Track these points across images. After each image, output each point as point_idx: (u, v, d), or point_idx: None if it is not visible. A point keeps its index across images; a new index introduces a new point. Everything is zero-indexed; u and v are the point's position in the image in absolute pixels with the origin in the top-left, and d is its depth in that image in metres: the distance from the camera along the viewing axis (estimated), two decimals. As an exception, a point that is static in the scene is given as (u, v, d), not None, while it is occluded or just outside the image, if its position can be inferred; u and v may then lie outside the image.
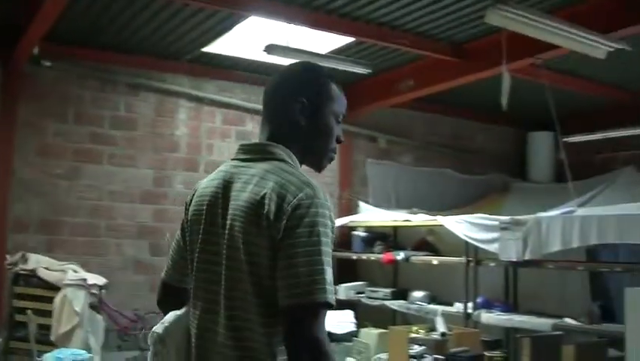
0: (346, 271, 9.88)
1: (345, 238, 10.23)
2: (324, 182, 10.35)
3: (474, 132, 12.24)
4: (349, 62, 8.38)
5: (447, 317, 7.48)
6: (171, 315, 2.30)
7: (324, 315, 1.94)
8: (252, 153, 2.21)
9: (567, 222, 7.06)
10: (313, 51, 8.09)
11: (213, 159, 9.84)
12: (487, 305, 8.02)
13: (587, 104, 10.81)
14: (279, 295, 1.94)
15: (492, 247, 7.67)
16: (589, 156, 11.27)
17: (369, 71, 8.50)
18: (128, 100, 9.33)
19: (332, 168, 10.55)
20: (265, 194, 2.00)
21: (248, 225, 2.00)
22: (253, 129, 10.16)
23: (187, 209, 2.31)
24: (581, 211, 7.38)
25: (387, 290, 9.20)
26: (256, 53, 8.56)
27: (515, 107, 7.11)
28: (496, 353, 5.37)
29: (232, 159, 2.25)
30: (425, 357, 6.55)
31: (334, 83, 2.32)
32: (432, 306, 8.47)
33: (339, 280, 9.58)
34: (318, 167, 2.32)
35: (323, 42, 8.32)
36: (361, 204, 10.45)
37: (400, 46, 8.27)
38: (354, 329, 7.52)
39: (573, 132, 9.53)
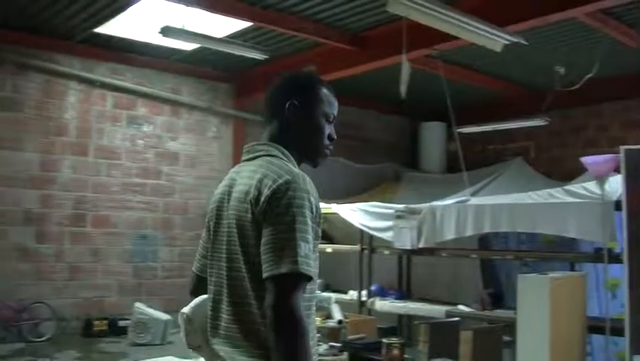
0: (238, 259, 9.75)
1: (237, 225, 10.07)
2: (214, 168, 10.27)
3: (367, 121, 12.34)
4: (246, 46, 8.24)
5: (341, 304, 7.49)
6: (197, 299, 2.53)
7: (298, 285, 2.13)
8: (252, 152, 2.47)
9: (461, 210, 7.18)
10: (210, 35, 7.94)
11: (103, 143, 9.57)
12: (381, 293, 8.09)
13: (479, 97, 11.05)
14: (262, 269, 2.15)
15: (386, 235, 7.73)
16: (480, 147, 11.55)
17: (266, 56, 8.40)
18: (15, 80, 8.90)
19: (226, 153, 10.46)
20: (252, 184, 2.26)
21: (240, 211, 2.28)
22: (145, 114, 9.94)
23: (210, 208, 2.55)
24: (474, 200, 7.52)
25: (281, 278, 9.08)
26: (151, 36, 8.33)
27: (409, 98, 7.16)
28: (395, 340, 5.38)
29: (242, 159, 2.49)
30: (321, 345, 6.55)
31: (325, 87, 2.54)
32: (326, 294, 8.43)
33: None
34: (313, 163, 2.54)
35: (220, 26, 8.16)
36: (254, 191, 10.29)
37: (298, 33, 8.21)
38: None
39: (465, 124, 9.69)
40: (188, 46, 8.96)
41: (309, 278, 2.14)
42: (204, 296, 2.49)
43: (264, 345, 2.20)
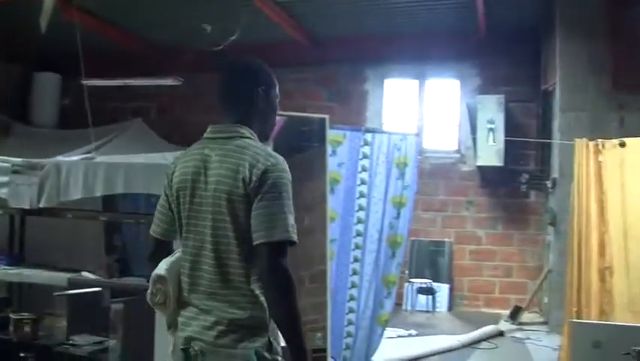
0: None
1: None
2: None
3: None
4: None
5: None
6: (166, 261, 2.83)
7: (286, 250, 2.59)
8: (224, 132, 2.83)
9: (90, 168, 6.60)
10: None
11: None
12: (-11, 258, 7.18)
13: (107, 51, 10.36)
14: (254, 236, 2.60)
15: (0, 193, 6.86)
16: (100, 103, 10.86)
17: None
18: None
19: None
20: (241, 163, 2.68)
21: (230, 187, 2.67)
22: None
23: (171, 179, 2.87)
24: (105, 159, 7.00)
25: None
26: None
27: (19, 43, 6.35)
28: (26, 315, 4.64)
29: (206, 138, 2.87)
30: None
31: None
32: None
33: None
34: (265, 138, 2.95)
35: None
36: None
37: None
38: None
39: (87, 77, 8.96)
40: None
41: (294, 244, 2.61)
42: (171, 259, 2.82)
43: (245, 299, 2.65)
